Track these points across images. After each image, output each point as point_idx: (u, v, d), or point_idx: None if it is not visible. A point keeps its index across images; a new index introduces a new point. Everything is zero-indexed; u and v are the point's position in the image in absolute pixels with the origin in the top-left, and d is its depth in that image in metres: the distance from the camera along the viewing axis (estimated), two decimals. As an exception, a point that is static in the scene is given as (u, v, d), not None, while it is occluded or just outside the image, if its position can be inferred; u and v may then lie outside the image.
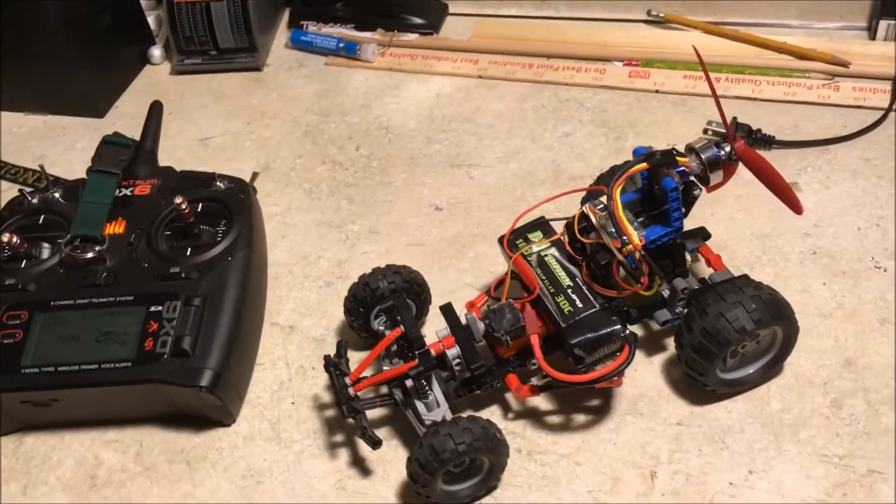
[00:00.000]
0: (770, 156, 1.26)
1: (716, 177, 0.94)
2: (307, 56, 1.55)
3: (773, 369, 0.99)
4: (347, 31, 1.55)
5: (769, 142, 1.26)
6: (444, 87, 1.45)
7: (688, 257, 1.04)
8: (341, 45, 1.50)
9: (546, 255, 1.00)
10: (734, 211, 1.17)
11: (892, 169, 1.23)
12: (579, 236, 0.96)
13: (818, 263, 1.12)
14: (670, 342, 1.02)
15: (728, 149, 0.93)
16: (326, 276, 1.17)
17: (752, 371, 0.98)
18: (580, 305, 0.94)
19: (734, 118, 1.25)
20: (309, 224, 1.24)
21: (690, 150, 0.94)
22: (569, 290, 0.96)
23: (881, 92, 1.34)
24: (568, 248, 0.99)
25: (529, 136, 1.34)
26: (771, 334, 0.95)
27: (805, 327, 1.00)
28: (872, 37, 1.45)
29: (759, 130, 1.26)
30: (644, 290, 0.94)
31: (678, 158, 0.92)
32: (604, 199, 0.95)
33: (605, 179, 1.07)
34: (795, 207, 0.92)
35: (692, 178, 0.94)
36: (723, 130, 1.26)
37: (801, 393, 0.98)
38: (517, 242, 1.02)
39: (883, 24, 1.43)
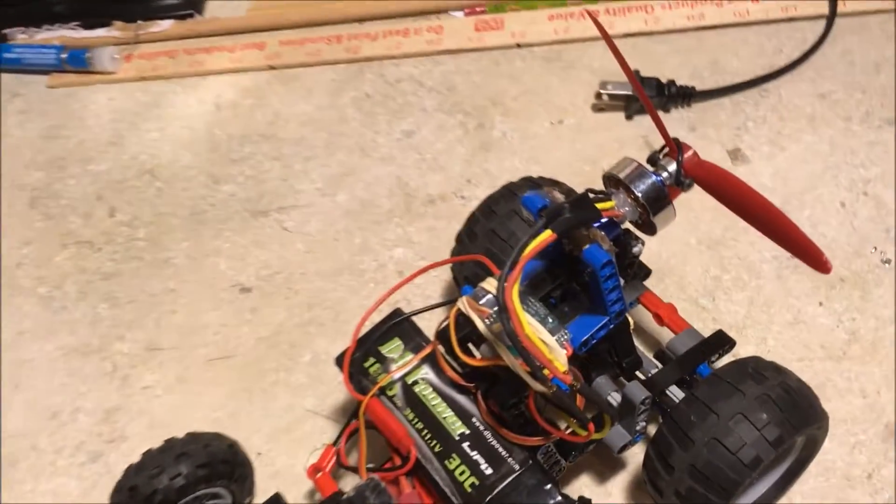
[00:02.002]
0: (692, 116, 0.90)
1: (663, 218, 0.56)
2: (20, 79, 1.06)
3: (789, 484, 0.65)
4: (71, 34, 1.08)
5: (688, 96, 0.90)
6: (225, 92, 1.01)
7: (631, 321, 0.68)
8: (63, 55, 1.03)
9: (417, 385, 0.61)
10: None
11: (859, 102, 0.89)
12: (461, 355, 0.57)
13: (802, 272, 0.77)
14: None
15: (673, 168, 0.56)
16: (90, 444, 0.76)
17: (759, 493, 0.64)
18: (487, 472, 0.57)
19: (637, 74, 0.88)
20: (54, 355, 0.81)
21: (614, 182, 0.56)
22: (465, 446, 0.58)
23: (812, -8, 0.98)
24: (448, 371, 0.60)
25: (357, 147, 0.93)
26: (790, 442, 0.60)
27: (815, 384, 0.66)
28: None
29: (671, 83, 0.89)
30: (592, 434, 0.56)
31: (599, 206, 0.54)
32: (489, 284, 0.57)
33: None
34: (816, 261, 0.55)
35: (627, 230, 0.57)
36: (625, 91, 0.90)
37: (841, 498, 0.64)
38: (366, 366, 0.63)
39: None
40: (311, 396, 0.76)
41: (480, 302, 0.57)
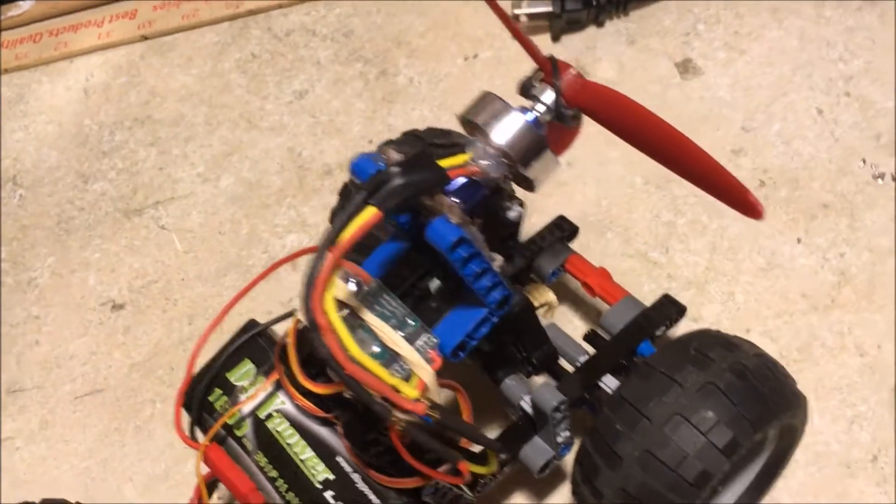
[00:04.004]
0: (631, 27, 0.74)
1: (540, 169, 0.41)
2: None
3: (768, 483, 0.50)
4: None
5: (623, 1, 0.73)
6: (95, 73, 0.87)
7: (549, 298, 0.53)
8: None
9: (271, 420, 0.48)
10: (601, 147, 0.65)
11: (832, -17, 0.72)
12: (303, 380, 0.43)
13: (775, 202, 0.62)
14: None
15: (551, 98, 0.41)
16: (-57, 517, 0.63)
17: (731, 499, 0.49)
18: None
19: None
20: None
21: (470, 126, 0.41)
22: (328, 497, 0.44)
23: None
24: (298, 399, 0.46)
25: (243, 118, 0.79)
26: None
27: (798, 343, 0.52)
28: None
29: (598, -10, 0.73)
30: (480, 469, 0.42)
31: (445, 161, 0.39)
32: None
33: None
34: (742, 202, 0.40)
35: (499, 191, 0.42)
36: (545, 8, 0.74)
37: (839, 493, 0.50)
38: (211, 400, 0.49)
39: None
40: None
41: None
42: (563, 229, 0.57)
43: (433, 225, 0.39)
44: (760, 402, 0.43)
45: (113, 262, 0.73)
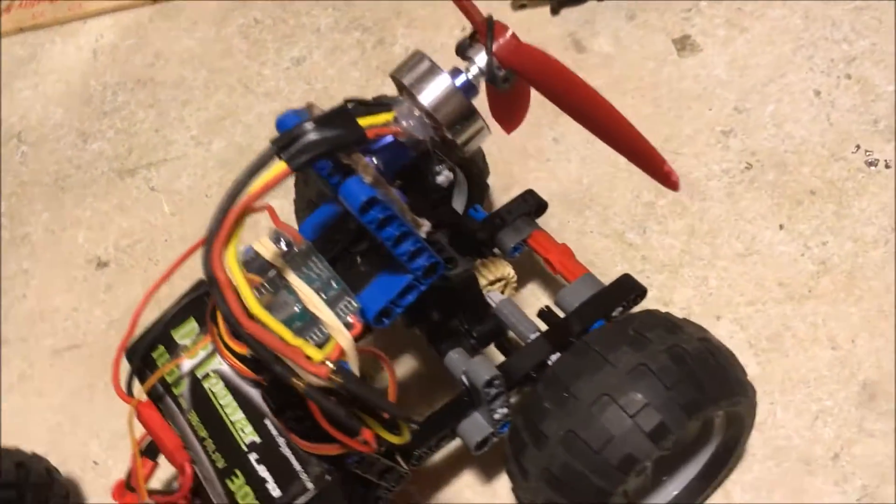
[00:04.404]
0: (626, 3, 0.71)
1: (468, 134, 0.40)
2: None
3: (715, 476, 0.48)
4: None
5: (625, -25, 0.71)
6: (105, 34, 0.88)
7: (506, 272, 0.52)
8: (-65, 14, 0.92)
9: (208, 379, 0.47)
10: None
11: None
12: (228, 339, 0.43)
13: (761, 184, 0.59)
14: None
15: (484, 61, 0.39)
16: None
17: (672, 493, 0.48)
18: (275, 493, 0.42)
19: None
20: None
21: (397, 84, 0.40)
22: (252, 459, 0.44)
23: None
24: (229, 359, 0.45)
25: (240, 83, 0.78)
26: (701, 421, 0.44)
27: (769, 332, 0.50)
28: None
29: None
30: (392, 438, 0.41)
31: (366, 120, 0.38)
32: (261, 244, 0.42)
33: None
34: (657, 171, 0.38)
35: (426, 154, 0.41)
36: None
37: (796, 489, 0.48)
38: (154, 356, 0.49)
39: None
40: (161, 389, 0.63)
41: (250, 268, 0.43)
42: (529, 204, 0.55)
43: (345, 184, 0.38)
44: (696, 388, 0.41)
45: (103, 220, 0.74)
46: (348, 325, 0.40)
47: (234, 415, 0.46)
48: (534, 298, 0.59)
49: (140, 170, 0.76)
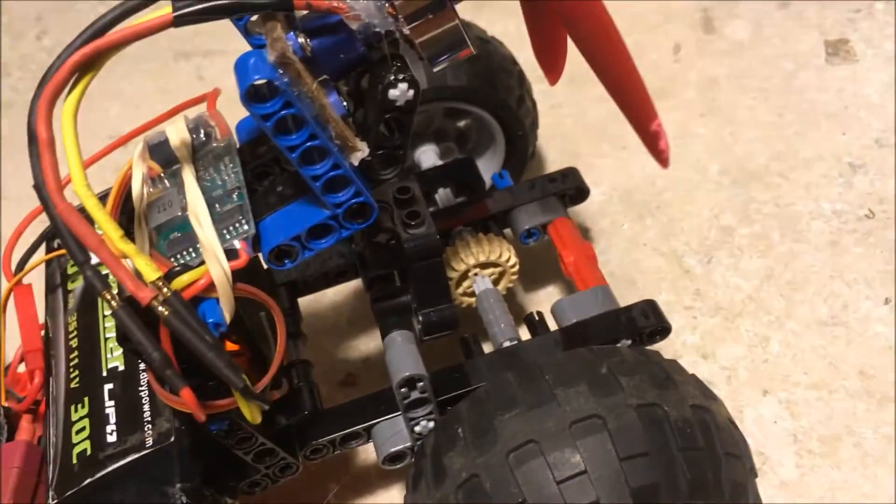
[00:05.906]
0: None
1: (437, 38, 0.29)
2: None
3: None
4: None
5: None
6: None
7: (503, 258, 0.41)
8: None
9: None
10: (688, 119, 0.50)
11: None
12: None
13: (878, 241, 0.45)
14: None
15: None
16: None
17: None
18: (110, 439, 0.33)
19: None
20: None
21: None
22: (106, 391, 0.36)
23: None
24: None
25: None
26: None
27: (830, 432, 0.36)
28: None
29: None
30: (246, 413, 0.31)
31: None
32: (174, 129, 0.34)
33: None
34: (644, 129, 0.26)
35: (384, 58, 0.30)
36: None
37: None
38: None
39: None
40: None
41: (155, 154, 0.34)
42: (567, 184, 0.43)
43: (243, 56, 0.28)
44: (662, 472, 0.29)
45: (140, 100, 0.68)
46: (232, 253, 0.30)
47: (110, 332, 0.37)
48: (549, 302, 0.48)
49: (195, 56, 0.69)
